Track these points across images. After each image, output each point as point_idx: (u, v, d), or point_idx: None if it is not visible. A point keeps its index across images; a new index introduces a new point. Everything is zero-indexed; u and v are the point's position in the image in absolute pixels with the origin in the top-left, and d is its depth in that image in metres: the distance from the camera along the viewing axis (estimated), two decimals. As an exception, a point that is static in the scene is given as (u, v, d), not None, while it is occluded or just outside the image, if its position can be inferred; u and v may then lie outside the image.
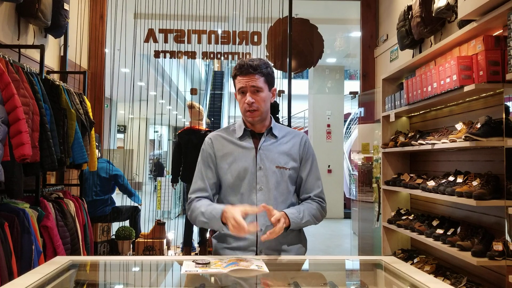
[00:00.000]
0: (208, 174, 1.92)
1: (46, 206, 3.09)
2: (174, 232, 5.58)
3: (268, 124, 1.93)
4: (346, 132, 11.20)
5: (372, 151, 4.70)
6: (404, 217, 3.64)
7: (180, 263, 1.59)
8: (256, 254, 1.81)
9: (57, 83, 3.39)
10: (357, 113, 5.32)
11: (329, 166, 10.06)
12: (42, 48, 3.23)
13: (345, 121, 10.88)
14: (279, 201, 1.85)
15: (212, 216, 1.77)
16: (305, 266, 1.90)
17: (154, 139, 20.50)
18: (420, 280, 1.41)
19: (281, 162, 1.88)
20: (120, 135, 17.45)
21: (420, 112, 3.73)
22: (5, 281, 2.34)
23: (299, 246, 1.93)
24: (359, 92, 5.33)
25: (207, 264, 1.56)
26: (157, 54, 4.99)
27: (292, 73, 5.27)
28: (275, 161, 1.88)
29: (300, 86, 12.28)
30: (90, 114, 3.90)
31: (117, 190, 5.07)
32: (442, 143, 2.88)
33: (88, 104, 3.94)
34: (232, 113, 5.54)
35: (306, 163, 1.94)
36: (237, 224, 1.63)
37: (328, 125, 10.32)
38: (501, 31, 2.57)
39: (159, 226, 4.91)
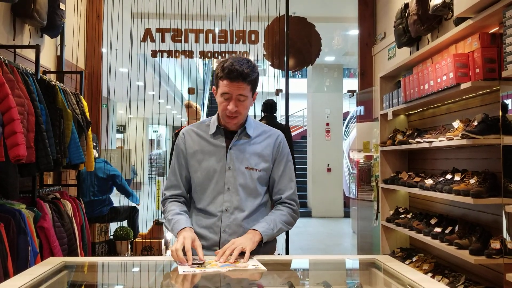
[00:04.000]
0: (181, 171, 1.89)
1: (42, 207, 3.08)
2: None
3: (242, 123, 1.85)
4: (345, 130, 11.18)
5: (373, 149, 4.68)
6: (402, 216, 3.63)
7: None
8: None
9: (53, 83, 3.38)
10: (356, 112, 5.30)
11: (328, 165, 10.03)
12: (37, 48, 3.22)
13: (344, 120, 10.86)
14: (246, 203, 1.81)
15: (173, 228, 1.77)
16: (300, 265, 1.90)
17: (153, 139, 20.50)
18: (414, 279, 1.41)
19: (251, 163, 1.83)
20: (120, 135, 17.42)
21: (418, 110, 3.72)
22: (0, 282, 2.33)
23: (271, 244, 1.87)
24: (357, 91, 5.31)
25: (203, 264, 1.55)
26: (154, 54, 4.97)
27: (290, 71, 5.25)
28: (246, 162, 1.82)
29: (298, 84, 12.27)
30: (87, 114, 3.89)
31: (115, 191, 5.05)
32: (440, 141, 2.87)
33: (85, 104, 3.93)
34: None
35: (279, 164, 1.88)
36: (176, 255, 1.59)
37: (327, 124, 10.29)
38: (497, 28, 2.57)
39: (157, 226, 4.90)
